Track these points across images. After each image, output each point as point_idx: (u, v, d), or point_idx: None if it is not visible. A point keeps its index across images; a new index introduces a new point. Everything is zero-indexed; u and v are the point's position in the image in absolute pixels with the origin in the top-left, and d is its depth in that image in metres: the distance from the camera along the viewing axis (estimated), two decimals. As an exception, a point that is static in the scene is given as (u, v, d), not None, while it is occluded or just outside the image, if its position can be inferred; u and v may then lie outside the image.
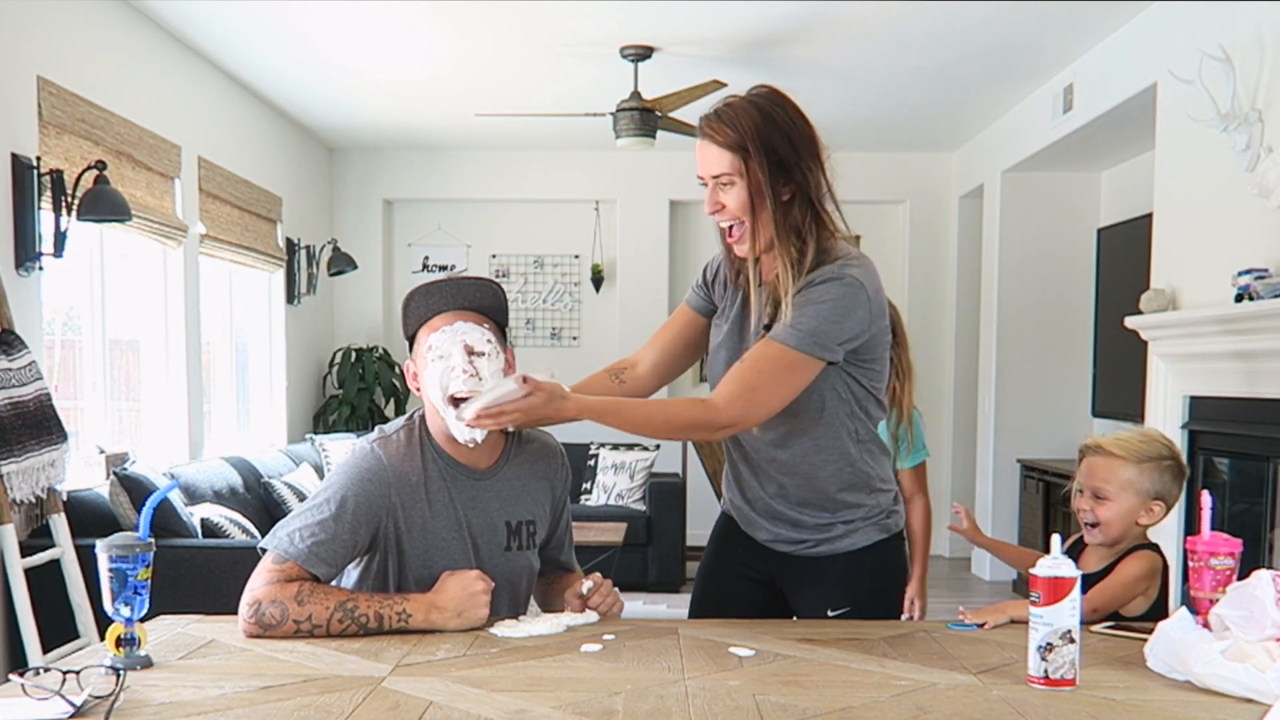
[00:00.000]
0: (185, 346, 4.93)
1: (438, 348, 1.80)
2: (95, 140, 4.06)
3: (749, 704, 1.38)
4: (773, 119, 1.82)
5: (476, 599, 1.74)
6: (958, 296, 7.14)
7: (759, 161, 1.80)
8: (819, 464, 1.91)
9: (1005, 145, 6.19)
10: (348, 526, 1.76)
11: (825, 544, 1.95)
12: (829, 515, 1.94)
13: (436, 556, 1.82)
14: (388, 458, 1.82)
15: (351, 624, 1.71)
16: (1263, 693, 1.37)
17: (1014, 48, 4.94)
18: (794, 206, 1.83)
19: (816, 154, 1.85)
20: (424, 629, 1.73)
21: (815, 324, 1.78)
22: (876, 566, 1.97)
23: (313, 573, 1.74)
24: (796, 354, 1.78)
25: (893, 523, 1.99)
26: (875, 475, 1.96)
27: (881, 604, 1.97)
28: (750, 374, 1.79)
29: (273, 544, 1.76)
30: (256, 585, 1.73)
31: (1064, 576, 1.44)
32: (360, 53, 5.07)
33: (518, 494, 1.91)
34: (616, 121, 5.07)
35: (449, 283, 1.85)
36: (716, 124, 1.83)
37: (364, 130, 6.71)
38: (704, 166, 1.86)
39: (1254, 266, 3.52)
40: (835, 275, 1.80)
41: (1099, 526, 1.99)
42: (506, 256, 7.41)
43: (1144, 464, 1.98)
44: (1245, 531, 3.61)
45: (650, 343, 2.08)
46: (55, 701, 1.31)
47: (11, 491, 3.37)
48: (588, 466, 6.38)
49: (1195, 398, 4.09)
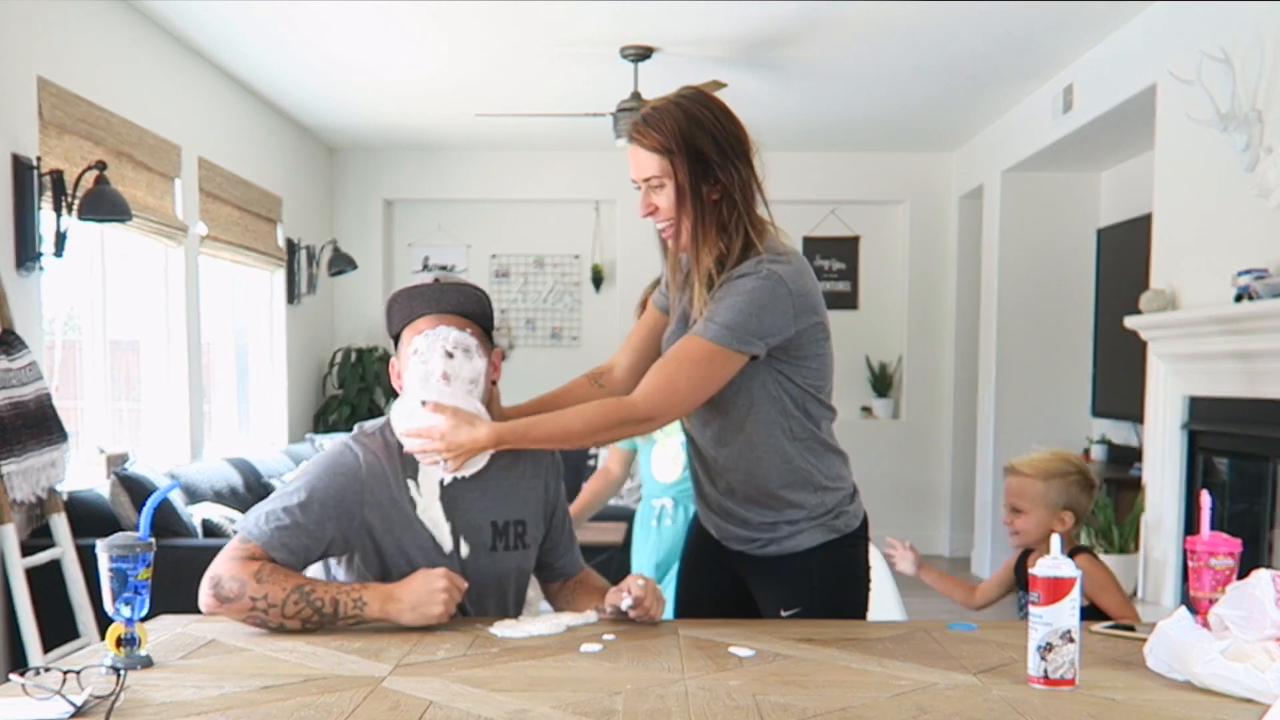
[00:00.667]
0: (186, 346, 4.93)
1: (420, 351, 1.84)
2: (95, 140, 4.06)
3: (749, 704, 1.38)
4: (698, 120, 1.85)
5: (434, 595, 1.72)
6: (958, 296, 7.14)
7: (684, 162, 1.83)
8: (755, 460, 1.92)
9: (1005, 145, 6.19)
10: (313, 518, 1.78)
11: (774, 544, 1.96)
12: (774, 514, 1.95)
13: (415, 556, 1.82)
14: (363, 455, 1.83)
15: (307, 607, 1.72)
16: (1263, 693, 1.37)
17: (1014, 48, 4.94)
18: (721, 205, 1.87)
19: (744, 153, 1.88)
20: (379, 619, 1.73)
21: (730, 316, 1.81)
22: (825, 568, 1.96)
23: (275, 557, 1.76)
24: (713, 346, 1.81)
25: (843, 523, 1.97)
26: (818, 473, 1.95)
27: (834, 606, 1.96)
28: (670, 367, 1.84)
29: (242, 525, 1.80)
30: (219, 561, 1.76)
31: (1064, 576, 1.44)
32: (360, 53, 5.07)
33: (506, 494, 1.91)
34: (616, 121, 5.07)
35: (432, 287, 1.87)
36: (643, 128, 1.86)
37: (364, 130, 6.71)
38: (635, 170, 1.89)
39: (1254, 266, 3.53)
40: (753, 270, 1.83)
41: (1018, 535, 2.40)
42: (506, 256, 7.41)
43: (1051, 480, 2.34)
44: (1245, 531, 3.61)
45: (623, 346, 2.12)
46: (55, 701, 1.31)
47: (12, 491, 3.37)
48: (588, 466, 6.38)
49: (1195, 398, 4.09)
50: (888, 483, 7.22)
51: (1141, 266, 4.63)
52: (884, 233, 7.36)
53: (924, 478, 7.36)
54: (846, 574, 2.01)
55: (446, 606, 1.72)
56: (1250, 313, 3.46)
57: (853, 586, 2.02)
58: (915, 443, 7.33)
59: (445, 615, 1.73)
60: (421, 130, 6.68)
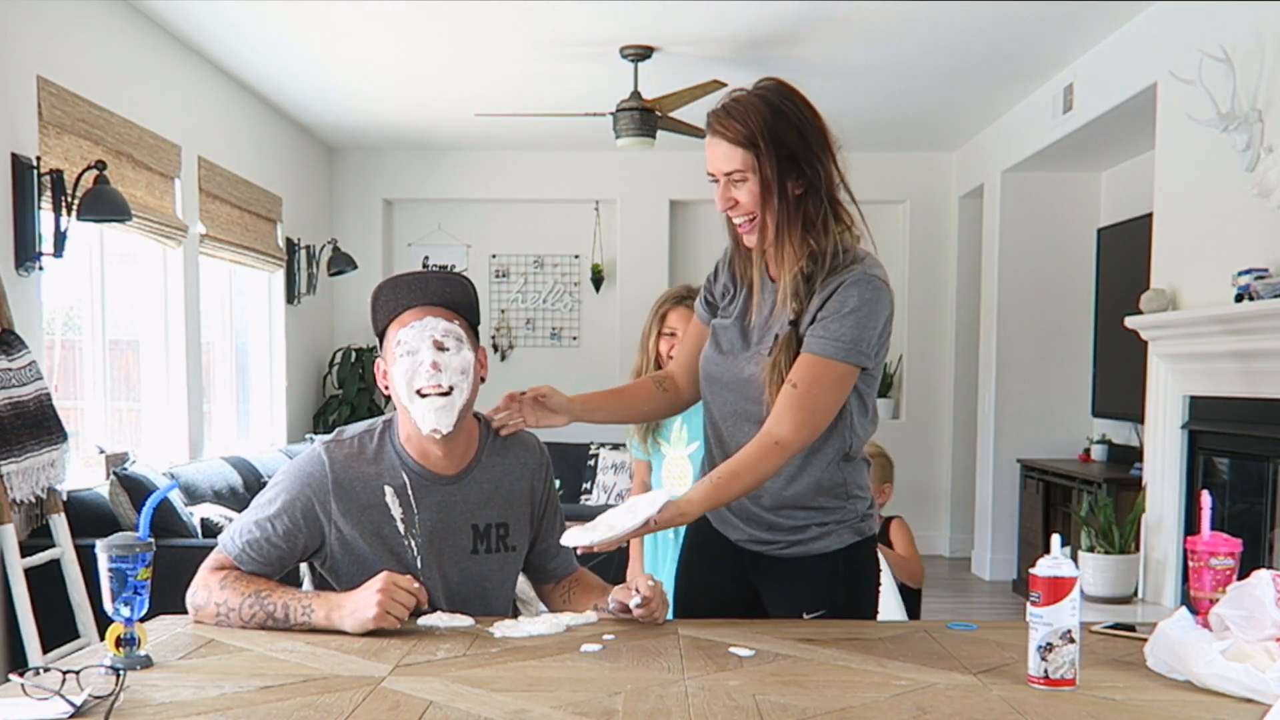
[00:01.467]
0: (185, 346, 4.93)
1: (406, 342, 1.81)
2: (95, 140, 4.06)
3: (749, 704, 1.37)
4: (782, 112, 1.79)
5: (368, 599, 1.68)
6: (958, 296, 7.14)
7: (769, 156, 1.78)
8: (804, 471, 1.90)
9: (1005, 145, 6.19)
10: (282, 527, 1.81)
11: (798, 545, 1.93)
12: (804, 517, 1.93)
13: (386, 559, 1.82)
14: (332, 461, 1.83)
15: (260, 612, 1.74)
16: (1263, 693, 1.37)
17: (1014, 48, 4.94)
18: (806, 201, 1.82)
19: (827, 147, 1.83)
20: (326, 627, 1.72)
21: (855, 333, 1.79)
22: (849, 570, 1.95)
23: (246, 569, 1.80)
24: (843, 366, 1.80)
25: (866, 526, 1.98)
26: (853, 482, 1.95)
27: (855, 607, 1.95)
28: (808, 398, 1.79)
29: (220, 539, 1.85)
30: (198, 573, 1.82)
31: (1064, 576, 1.44)
32: (360, 52, 5.07)
33: (488, 496, 1.90)
34: (616, 121, 5.07)
35: (417, 276, 1.86)
36: (725, 120, 1.80)
37: (364, 130, 6.71)
38: (714, 163, 1.83)
39: (1254, 266, 3.52)
40: (862, 278, 1.80)
41: None
42: (506, 256, 7.41)
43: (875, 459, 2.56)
44: (1245, 531, 3.61)
45: (677, 358, 2.13)
46: (55, 701, 1.31)
47: (11, 491, 3.37)
48: (588, 466, 6.38)
49: (1195, 398, 4.09)
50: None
51: (1141, 266, 4.63)
52: (884, 233, 7.29)
53: (924, 478, 7.35)
54: (865, 575, 2.00)
55: (381, 609, 1.67)
56: (1250, 313, 3.46)
57: (870, 588, 2.02)
58: (915, 443, 7.33)
59: (383, 619, 1.68)
60: (421, 130, 6.68)
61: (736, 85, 1.88)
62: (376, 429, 1.89)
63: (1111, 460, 5.78)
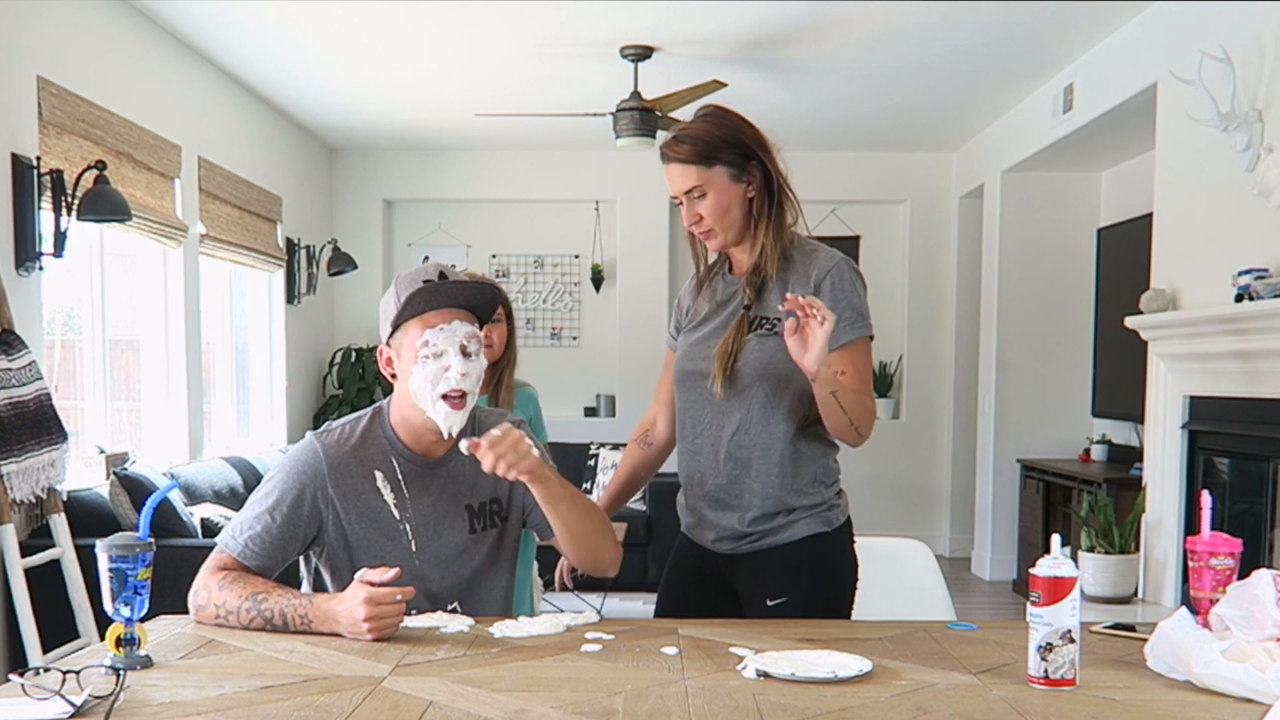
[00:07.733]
0: (185, 346, 4.93)
1: (434, 344, 1.81)
2: (95, 140, 4.06)
3: (749, 704, 1.38)
4: (723, 127, 2.00)
5: (358, 626, 1.66)
6: (958, 296, 7.14)
7: (721, 166, 1.98)
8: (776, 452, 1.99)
9: (1005, 145, 6.19)
10: (281, 520, 1.82)
11: (768, 536, 2.01)
12: (774, 504, 2.00)
13: (383, 547, 1.85)
14: (324, 451, 1.85)
15: (258, 616, 1.74)
16: (1263, 693, 1.37)
17: (1014, 48, 4.94)
18: (760, 199, 2.02)
19: (768, 149, 2.03)
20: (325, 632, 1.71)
21: (860, 304, 2.00)
22: (815, 560, 2.00)
23: (248, 565, 1.81)
24: (866, 340, 2.00)
25: (834, 515, 2.04)
26: (822, 467, 2.04)
27: (821, 597, 1.99)
28: (860, 380, 1.97)
29: (220, 537, 1.85)
30: (199, 573, 1.82)
31: (1064, 576, 1.44)
32: (360, 53, 5.07)
33: (476, 473, 1.89)
34: (616, 121, 5.07)
35: (456, 285, 1.84)
36: (676, 145, 2.00)
37: (364, 130, 6.71)
38: (675, 186, 2.02)
39: (1254, 266, 3.53)
40: (832, 257, 2.01)
41: None
42: (506, 256, 7.41)
43: None
44: (1245, 531, 3.61)
45: (656, 399, 2.26)
46: (55, 701, 1.31)
47: (11, 491, 3.37)
48: (587, 466, 6.38)
49: (1195, 398, 4.09)
50: (888, 483, 7.22)
51: (1141, 266, 4.63)
52: (884, 232, 7.36)
53: (924, 478, 7.36)
54: (834, 567, 2.04)
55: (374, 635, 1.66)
56: (1250, 313, 3.46)
57: (840, 580, 2.05)
58: (915, 443, 7.34)
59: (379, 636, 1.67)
60: (421, 130, 6.68)
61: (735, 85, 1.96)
62: (364, 418, 1.92)
63: (1111, 460, 5.78)
